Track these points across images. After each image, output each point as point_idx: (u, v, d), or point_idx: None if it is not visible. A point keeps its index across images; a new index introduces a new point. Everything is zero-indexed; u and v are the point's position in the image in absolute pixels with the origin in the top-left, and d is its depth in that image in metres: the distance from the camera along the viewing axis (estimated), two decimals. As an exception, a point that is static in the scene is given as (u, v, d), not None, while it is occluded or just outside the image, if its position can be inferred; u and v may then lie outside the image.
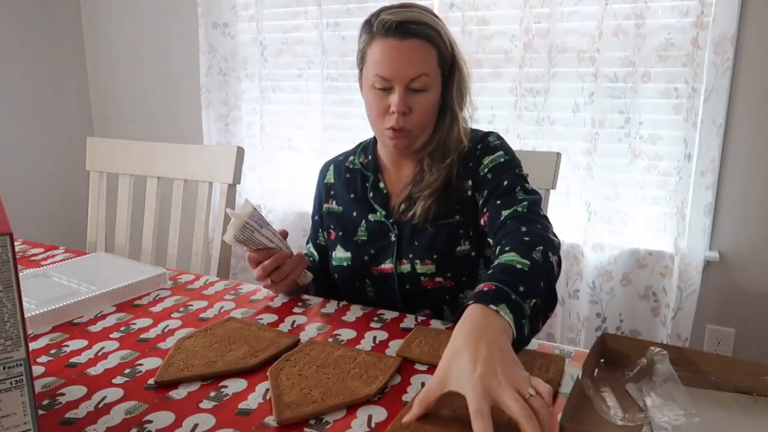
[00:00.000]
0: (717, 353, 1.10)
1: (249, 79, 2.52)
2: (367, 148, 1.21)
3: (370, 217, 1.15)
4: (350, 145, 1.28)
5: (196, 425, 0.71)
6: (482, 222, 1.06)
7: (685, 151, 1.87)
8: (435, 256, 1.09)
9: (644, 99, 1.92)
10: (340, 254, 1.18)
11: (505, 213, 0.99)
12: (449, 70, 1.07)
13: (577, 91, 1.97)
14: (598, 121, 1.94)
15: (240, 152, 1.47)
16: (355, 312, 1.05)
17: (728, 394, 0.77)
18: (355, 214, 1.17)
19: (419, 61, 1.01)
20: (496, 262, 0.84)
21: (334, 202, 1.22)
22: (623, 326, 2.07)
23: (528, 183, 1.06)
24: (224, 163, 1.47)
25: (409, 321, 1.02)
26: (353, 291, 1.18)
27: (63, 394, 0.78)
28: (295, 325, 1.00)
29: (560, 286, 2.09)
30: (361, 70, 1.10)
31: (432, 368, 0.83)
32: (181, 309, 1.06)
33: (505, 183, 1.04)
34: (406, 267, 1.11)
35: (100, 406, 0.75)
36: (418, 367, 0.85)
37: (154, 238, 1.58)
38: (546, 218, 0.98)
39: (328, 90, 2.35)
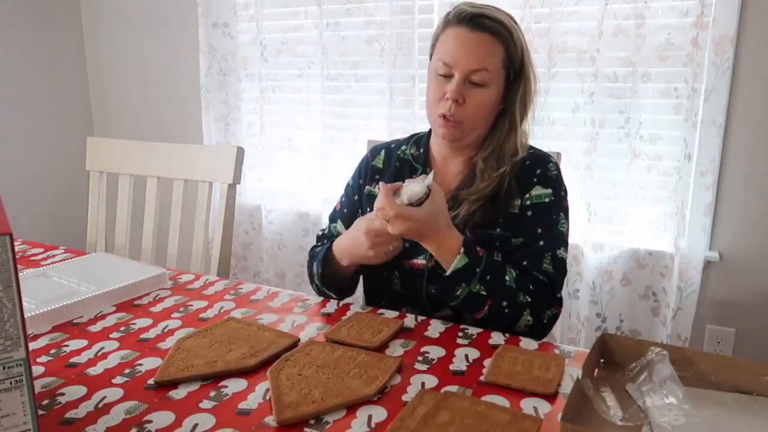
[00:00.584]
0: (717, 353, 1.10)
1: (249, 79, 2.51)
2: (420, 140, 1.21)
3: None
4: (350, 145, 1.27)
5: (196, 425, 0.71)
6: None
7: (685, 151, 1.87)
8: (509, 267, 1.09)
9: (644, 99, 1.91)
10: None
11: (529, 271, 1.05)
12: (516, 76, 1.08)
13: (577, 91, 1.97)
14: (598, 121, 1.94)
15: (240, 152, 1.47)
16: (355, 311, 1.05)
17: (728, 394, 0.77)
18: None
19: (483, 54, 1.03)
20: (502, 261, 1.03)
21: (377, 187, 1.17)
22: (623, 326, 2.07)
23: (561, 245, 1.08)
24: (224, 163, 1.47)
25: (409, 321, 1.02)
26: (380, 281, 1.16)
27: (63, 394, 0.78)
28: (295, 325, 1.00)
29: (560, 286, 2.09)
30: (430, 58, 1.11)
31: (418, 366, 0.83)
32: (181, 309, 1.06)
33: (541, 244, 1.06)
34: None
35: (100, 406, 0.75)
36: (417, 367, 0.85)
37: (154, 238, 1.58)
38: (558, 301, 1.06)
39: (328, 90, 2.35)
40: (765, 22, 1.78)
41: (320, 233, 1.29)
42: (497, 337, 0.95)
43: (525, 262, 1.05)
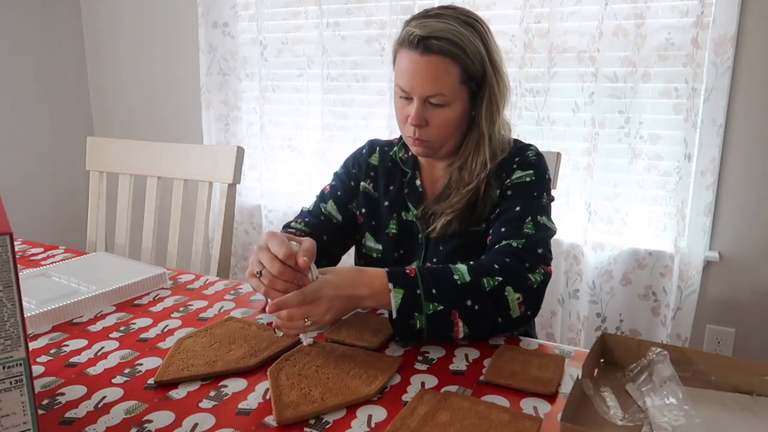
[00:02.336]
0: (717, 353, 1.10)
1: (249, 78, 2.52)
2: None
3: (403, 215, 1.16)
4: (350, 145, 1.28)
5: (196, 425, 0.71)
6: (488, 241, 1.05)
7: (685, 151, 1.87)
8: (459, 263, 1.07)
9: (644, 99, 1.92)
10: (371, 244, 1.19)
11: (502, 242, 0.99)
12: (479, 86, 1.04)
13: (577, 91, 1.97)
14: (598, 121, 1.94)
15: (240, 152, 1.47)
16: (355, 311, 1.05)
17: (728, 394, 0.77)
18: (387, 204, 1.17)
19: (436, 78, 1.00)
20: (445, 265, 0.94)
21: (372, 186, 1.20)
22: (623, 326, 2.07)
23: (544, 213, 1.03)
24: (224, 163, 1.47)
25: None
26: None
27: (63, 394, 0.78)
28: (295, 325, 1.00)
29: (560, 286, 2.09)
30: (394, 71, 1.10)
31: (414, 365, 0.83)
32: (181, 309, 1.06)
33: (517, 209, 1.02)
34: None
35: (100, 405, 0.75)
36: (417, 366, 0.85)
37: (154, 237, 1.58)
38: (541, 257, 0.97)
39: (328, 90, 2.35)
40: (765, 22, 1.78)
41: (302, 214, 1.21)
42: (497, 338, 0.95)
43: (503, 229, 1.01)
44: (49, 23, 2.77)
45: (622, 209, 2.01)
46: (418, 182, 1.15)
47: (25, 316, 0.60)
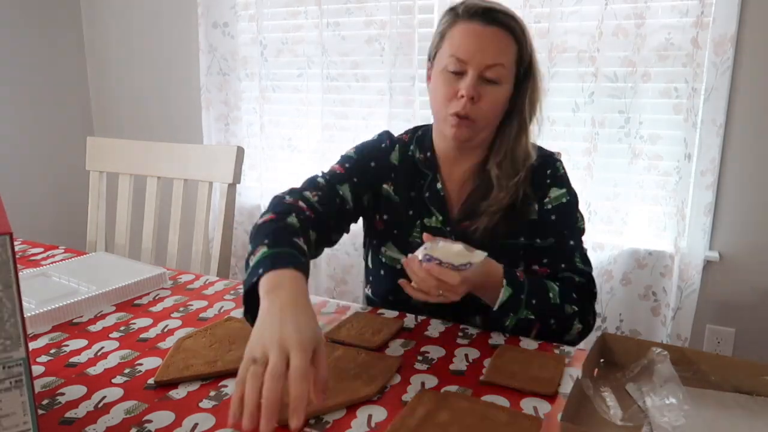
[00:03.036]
0: (717, 353, 1.10)
1: (249, 78, 2.51)
2: (423, 141, 1.13)
3: (426, 221, 1.10)
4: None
5: (195, 425, 0.71)
6: (536, 268, 1.07)
7: (685, 150, 1.87)
8: (549, 281, 1.04)
9: (644, 99, 1.91)
10: (394, 254, 1.12)
11: (565, 274, 1.06)
12: (525, 75, 1.04)
13: (577, 90, 1.97)
14: (598, 121, 1.94)
15: (240, 152, 1.47)
16: (355, 311, 1.05)
17: (728, 394, 0.77)
18: (411, 212, 1.11)
19: (499, 50, 0.99)
20: (542, 278, 1.03)
21: (392, 188, 1.12)
22: (623, 326, 2.07)
23: (583, 242, 1.10)
24: (224, 163, 1.47)
25: (409, 321, 1.02)
26: (397, 293, 0.97)
27: (63, 394, 0.78)
28: (295, 325, 0.99)
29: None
30: (434, 55, 1.05)
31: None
32: (181, 309, 1.06)
33: (571, 243, 1.07)
34: None
35: (100, 405, 0.75)
36: (417, 366, 0.85)
37: (154, 238, 1.58)
38: (594, 296, 1.06)
39: (328, 90, 2.35)
40: (765, 22, 1.78)
41: (309, 184, 1.07)
42: (497, 337, 0.95)
43: (563, 265, 1.05)
44: (49, 23, 2.77)
45: (622, 209, 2.01)
46: (439, 185, 1.09)
47: (25, 316, 0.60)
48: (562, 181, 1.10)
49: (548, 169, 1.09)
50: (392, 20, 2.16)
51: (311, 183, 1.07)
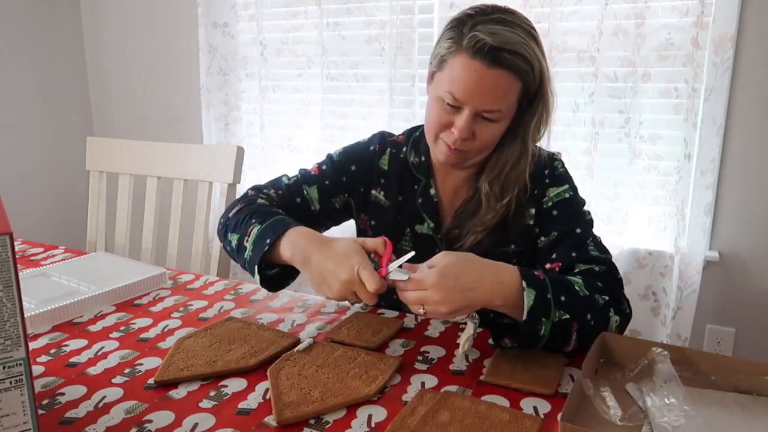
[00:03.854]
0: (717, 353, 1.10)
1: (249, 78, 2.51)
2: (419, 145, 1.10)
3: (417, 228, 1.08)
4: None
5: (195, 425, 0.71)
6: (548, 266, 1.00)
7: (685, 150, 1.87)
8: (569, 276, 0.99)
9: (644, 99, 1.91)
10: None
11: (580, 267, 0.96)
12: (530, 102, 0.98)
13: (577, 90, 1.97)
14: (598, 121, 1.94)
15: (240, 152, 1.47)
16: (355, 311, 1.05)
17: (728, 394, 0.77)
18: (400, 218, 1.09)
19: (500, 95, 0.92)
20: (558, 274, 0.92)
21: (382, 194, 1.10)
22: (623, 326, 2.07)
23: (594, 232, 1.02)
24: (224, 163, 1.47)
25: (409, 320, 1.02)
26: (389, 301, 1.03)
27: (63, 394, 0.78)
28: (295, 325, 1.00)
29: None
30: (434, 72, 0.99)
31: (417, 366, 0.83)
32: (181, 309, 1.06)
33: (578, 231, 1.00)
34: None
35: (100, 405, 0.75)
36: (417, 366, 0.85)
37: (154, 238, 1.58)
38: (620, 282, 0.96)
39: (328, 90, 2.35)
40: (765, 22, 1.77)
41: (276, 184, 1.13)
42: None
43: (574, 254, 0.97)
44: (49, 23, 2.77)
45: (622, 209, 2.01)
46: (432, 191, 1.07)
47: (25, 316, 0.60)
48: (562, 179, 1.06)
49: (546, 170, 1.05)
50: (392, 20, 2.16)
51: (275, 183, 1.12)
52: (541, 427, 0.69)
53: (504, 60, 0.90)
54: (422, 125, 1.12)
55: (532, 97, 0.98)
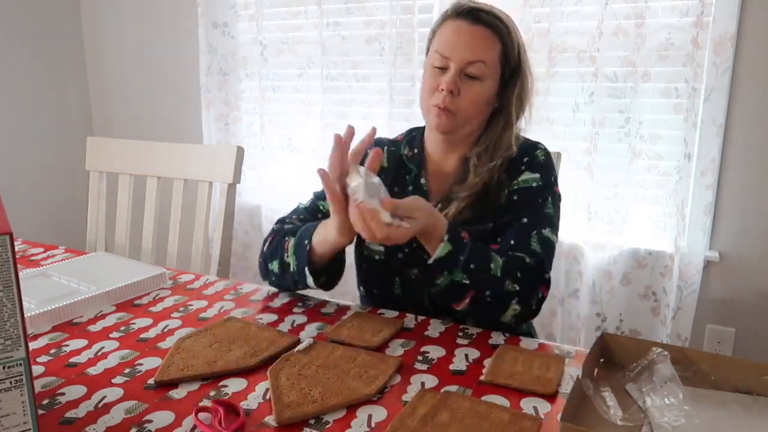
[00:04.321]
0: (717, 353, 1.10)
1: (249, 78, 2.51)
2: (414, 140, 1.19)
3: None
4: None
5: (195, 425, 0.71)
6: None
7: (685, 150, 1.87)
8: (496, 254, 1.07)
9: (644, 99, 1.91)
10: (374, 246, 1.15)
11: (516, 254, 1.01)
12: (512, 74, 1.09)
13: (577, 90, 1.97)
14: (598, 121, 1.94)
15: (240, 152, 1.47)
16: (355, 311, 1.05)
17: (728, 394, 0.77)
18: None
19: (481, 46, 1.04)
20: (490, 247, 0.99)
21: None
22: (623, 326, 2.07)
23: (548, 225, 1.05)
24: (224, 163, 1.47)
25: (409, 321, 1.02)
26: (380, 286, 1.16)
27: (63, 394, 0.78)
28: (295, 325, 1.00)
29: (560, 286, 2.09)
30: (427, 51, 1.11)
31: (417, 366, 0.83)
32: (181, 309, 1.06)
33: (524, 221, 1.05)
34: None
35: (100, 405, 0.75)
36: (417, 366, 0.85)
37: (154, 237, 1.58)
38: (546, 281, 1.01)
39: (328, 90, 2.35)
40: (765, 22, 1.78)
41: (294, 211, 1.20)
42: (497, 337, 0.95)
43: (512, 242, 1.03)
44: (49, 23, 2.77)
45: (622, 209, 2.01)
46: (422, 181, 1.14)
47: (25, 316, 0.60)
48: (538, 167, 1.10)
49: (525, 156, 1.11)
50: (392, 20, 2.16)
51: (294, 211, 1.20)
52: (541, 427, 0.69)
53: (482, 17, 1.04)
54: (420, 126, 1.20)
55: (512, 69, 1.08)
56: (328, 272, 1.06)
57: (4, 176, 2.62)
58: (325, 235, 0.99)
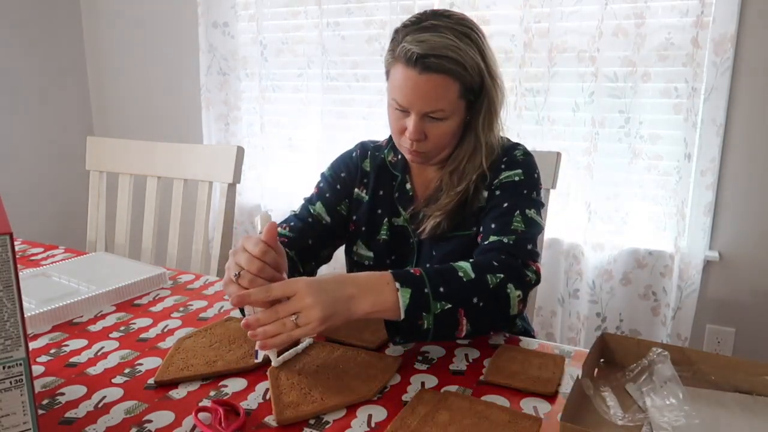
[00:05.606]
0: (717, 353, 1.10)
1: (249, 78, 2.52)
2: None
3: (394, 220, 1.14)
4: (350, 145, 1.26)
5: (195, 425, 0.71)
6: (478, 239, 1.04)
7: (685, 150, 1.87)
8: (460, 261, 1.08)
9: (644, 99, 1.92)
10: (363, 251, 1.16)
11: (493, 238, 0.98)
12: (477, 96, 1.03)
13: (577, 90, 1.97)
14: (598, 121, 1.94)
15: (240, 152, 1.47)
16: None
17: (728, 394, 0.77)
18: (379, 211, 1.15)
19: (436, 97, 0.98)
20: (446, 264, 0.90)
21: (364, 191, 1.17)
22: (623, 326, 2.07)
23: (532, 209, 1.02)
24: (224, 163, 1.47)
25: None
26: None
27: (63, 394, 0.78)
28: (295, 325, 1.00)
29: (560, 286, 2.09)
30: (387, 80, 1.08)
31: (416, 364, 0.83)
32: (181, 309, 1.06)
33: (505, 205, 1.02)
34: None
35: (100, 405, 0.75)
36: (417, 366, 0.85)
37: (154, 237, 1.58)
38: (532, 254, 0.97)
39: (328, 90, 2.35)
40: (765, 22, 1.78)
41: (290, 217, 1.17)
42: (497, 337, 0.95)
43: (493, 225, 1.00)
44: (49, 23, 2.77)
45: (622, 209, 2.01)
46: (408, 186, 1.14)
47: (25, 316, 0.60)
48: (517, 164, 1.07)
49: (504, 156, 1.09)
50: (392, 20, 2.16)
51: (286, 220, 1.17)
52: (541, 427, 0.69)
53: (432, 65, 0.95)
54: None
55: (477, 93, 1.02)
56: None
57: (4, 176, 2.62)
58: None
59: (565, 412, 0.66)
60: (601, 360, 0.85)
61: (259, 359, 0.83)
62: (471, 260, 0.92)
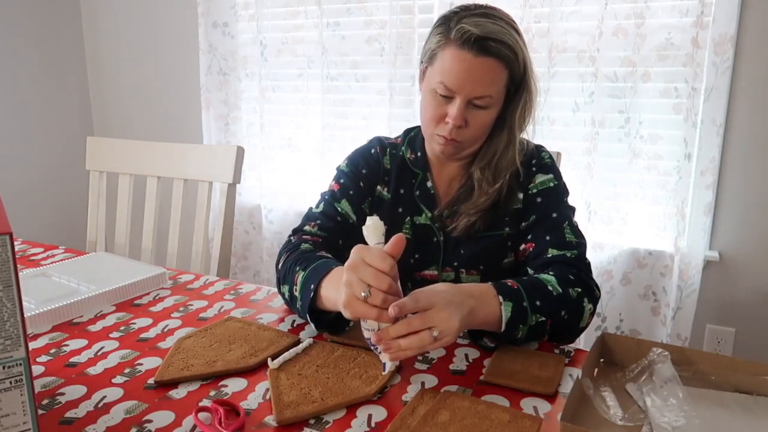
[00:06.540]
0: (717, 353, 1.10)
1: (249, 78, 2.52)
2: (414, 142, 1.16)
3: (416, 219, 1.12)
4: (349, 145, 1.25)
5: (195, 425, 0.71)
6: (523, 247, 1.06)
7: (685, 150, 1.87)
8: (481, 267, 1.09)
9: (644, 99, 1.92)
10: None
11: (553, 252, 1.01)
12: (516, 90, 1.04)
13: (577, 90, 1.97)
14: (598, 121, 1.94)
15: (240, 152, 1.47)
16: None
17: (728, 394, 0.77)
18: (401, 210, 1.13)
19: (489, 81, 0.98)
20: (533, 276, 0.95)
21: (386, 190, 1.14)
22: (623, 326, 2.07)
23: (574, 217, 1.06)
24: (224, 163, 1.47)
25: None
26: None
27: (63, 394, 0.78)
28: (295, 325, 1.00)
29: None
30: (425, 67, 1.06)
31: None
32: (181, 309, 1.06)
33: (555, 216, 1.05)
34: (450, 275, 1.10)
35: (100, 405, 0.75)
36: (417, 366, 0.85)
37: (154, 237, 1.58)
38: (589, 267, 1.01)
39: (328, 90, 2.35)
40: (765, 22, 1.78)
41: (307, 220, 1.11)
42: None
43: (548, 237, 1.02)
44: (49, 23, 2.77)
45: (622, 209, 2.01)
46: (429, 184, 1.12)
47: (25, 316, 0.60)
48: (548, 168, 1.11)
49: (533, 159, 1.11)
50: (392, 20, 2.16)
51: (308, 217, 1.13)
52: (541, 427, 0.69)
53: (490, 48, 0.95)
54: (417, 126, 1.17)
55: (517, 86, 1.03)
56: (336, 325, 0.95)
57: (4, 176, 2.62)
58: (335, 300, 0.82)
59: (565, 412, 0.66)
60: (601, 360, 0.85)
61: (387, 371, 0.79)
62: (551, 273, 0.95)
